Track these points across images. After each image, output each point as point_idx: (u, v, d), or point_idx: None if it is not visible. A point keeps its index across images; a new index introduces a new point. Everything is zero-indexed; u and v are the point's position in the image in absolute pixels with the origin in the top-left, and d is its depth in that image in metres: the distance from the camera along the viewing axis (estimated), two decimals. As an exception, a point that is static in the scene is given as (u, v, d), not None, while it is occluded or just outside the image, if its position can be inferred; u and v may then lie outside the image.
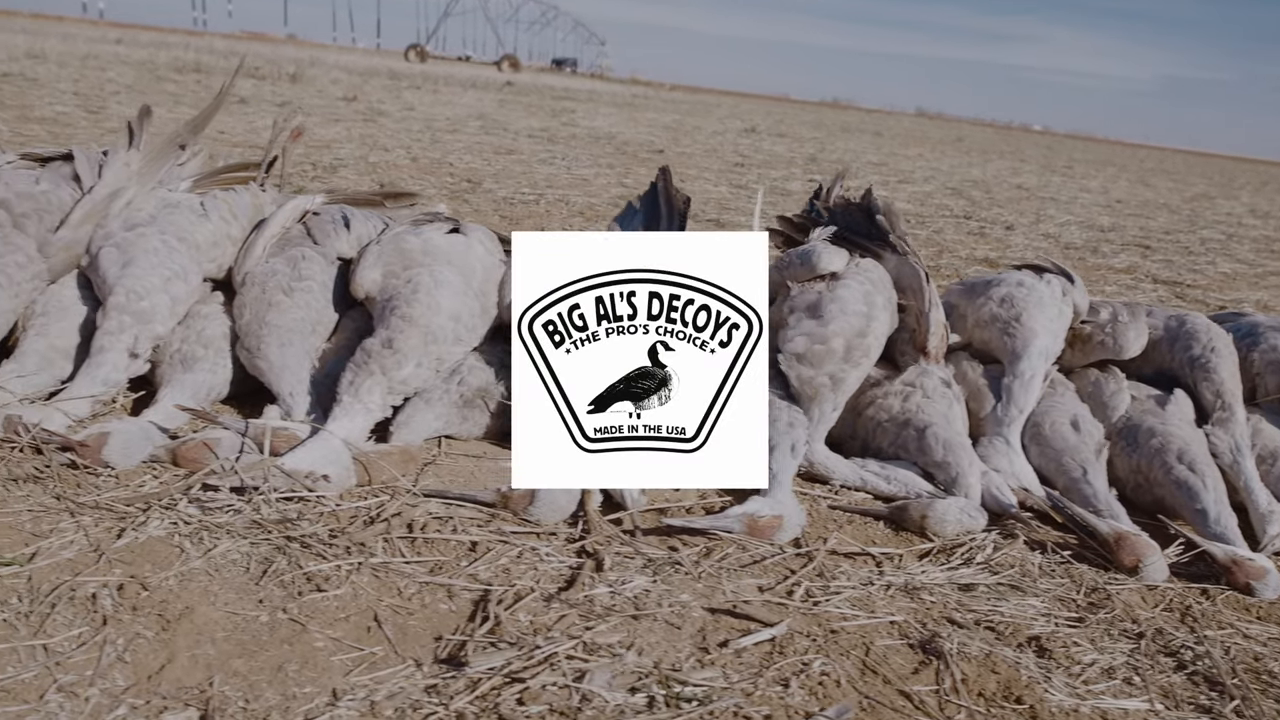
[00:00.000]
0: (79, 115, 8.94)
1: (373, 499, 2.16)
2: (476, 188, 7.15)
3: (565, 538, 2.12)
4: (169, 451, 2.21)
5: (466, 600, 1.84)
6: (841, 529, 2.35)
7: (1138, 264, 7.23)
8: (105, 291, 2.51)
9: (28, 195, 2.65)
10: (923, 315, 2.73)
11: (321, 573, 1.85)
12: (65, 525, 1.94)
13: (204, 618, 1.69)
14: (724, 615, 1.89)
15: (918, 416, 2.58)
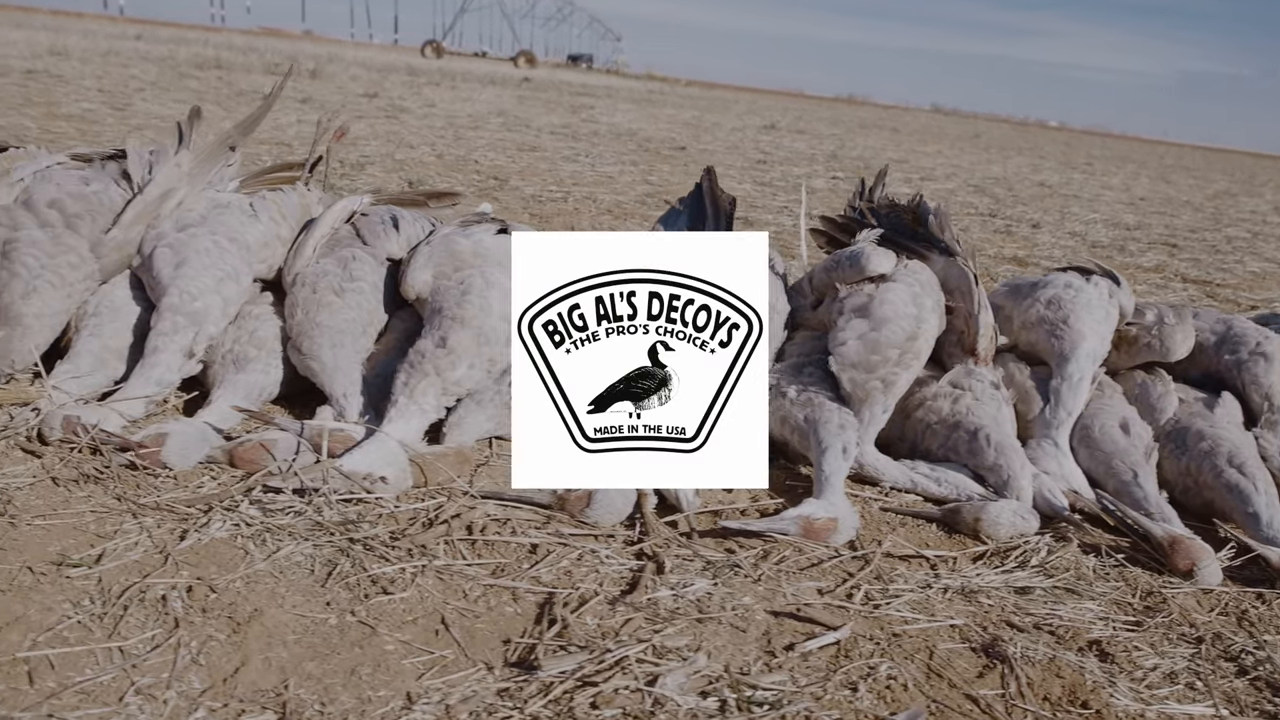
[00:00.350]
0: (105, 112, 8.98)
1: (430, 500, 2.17)
2: (504, 185, 7.16)
3: (623, 540, 2.12)
4: (226, 452, 2.22)
5: (531, 603, 1.84)
6: (895, 531, 2.35)
7: (1166, 263, 7.18)
8: (159, 292, 2.52)
9: (80, 196, 2.66)
10: (971, 317, 2.72)
11: (386, 575, 1.85)
12: (129, 526, 1.95)
13: (273, 620, 1.69)
14: (786, 618, 1.89)
15: (968, 419, 2.57)
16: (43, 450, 2.19)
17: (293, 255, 2.68)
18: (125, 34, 28.28)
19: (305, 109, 11.54)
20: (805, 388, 2.59)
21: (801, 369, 2.67)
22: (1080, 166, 19.25)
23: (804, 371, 2.66)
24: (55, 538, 1.89)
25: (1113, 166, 21.11)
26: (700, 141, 13.46)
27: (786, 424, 2.57)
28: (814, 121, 25.57)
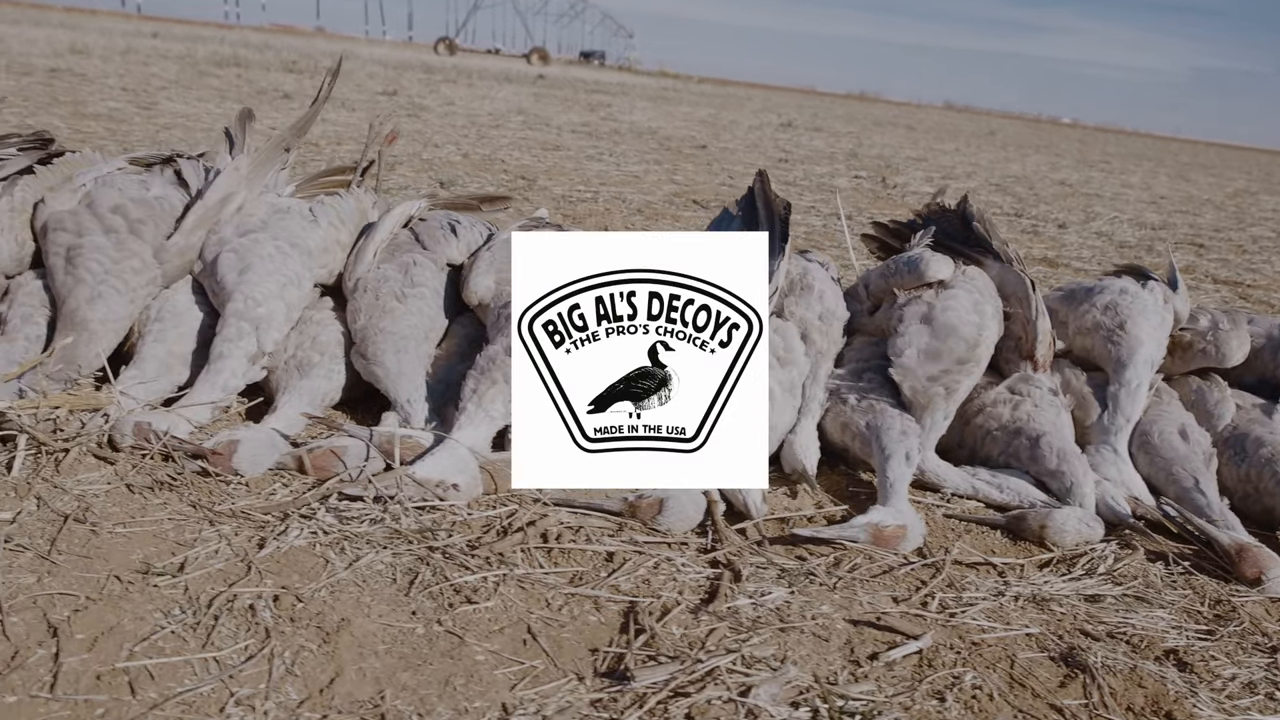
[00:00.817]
0: (132, 111, 9.01)
1: (502, 508, 2.17)
2: (532, 185, 7.16)
3: (696, 548, 2.12)
4: (296, 459, 2.23)
5: (614, 612, 1.85)
6: (961, 538, 2.34)
7: (1195, 263, 7.15)
8: (223, 297, 2.53)
9: (142, 201, 2.68)
10: (1030, 323, 2.72)
11: (469, 584, 1.86)
12: (208, 534, 1.96)
13: (362, 630, 1.70)
14: (866, 627, 1.89)
15: (1029, 425, 2.57)
16: (115, 457, 2.20)
17: (353, 260, 2.69)
18: (141, 31, 28.37)
19: (328, 107, 11.56)
20: (865, 394, 2.59)
21: (861, 375, 2.67)
22: (1098, 164, 19.18)
23: (863, 377, 2.66)
24: (136, 545, 1.90)
25: (1130, 164, 21.02)
26: (720, 140, 13.45)
27: (848, 430, 2.57)
28: (829, 119, 25.52)
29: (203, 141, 7.63)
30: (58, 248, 2.56)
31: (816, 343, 2.65)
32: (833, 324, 2.69)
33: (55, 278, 2.54)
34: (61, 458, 2.17)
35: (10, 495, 2.03)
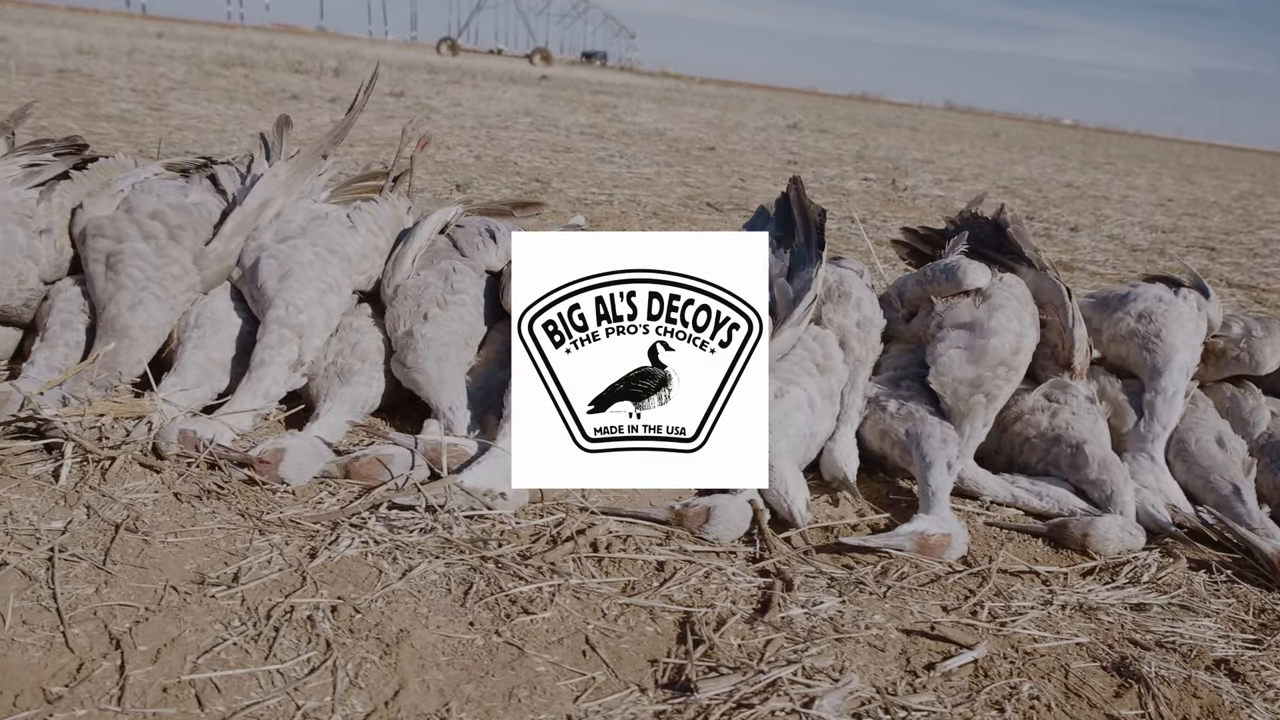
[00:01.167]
0: (143, 113, 9.01)
1: (549, 516, 2.17)
2: (546, 188, 7.16)
3: (745, 556, 2.12)
4: (341, 467, 2.23)
5: (669, 622, 1.85)
6: (1003, 546, 2.34)
7: (1208, 267, 7.15)
8: (263, 304, 2.53)
9: (181, 207, 2.68)
10: (1067, 331, 2.72)
11: (525, 595, 1.86)
12: (259, 544, 1.96)
13: (421, 641, 1.70)
14: (920, 636, 1.89)
15: (1068, 433, 2.57)
16: (160, 465, 2.20)
17: (392, 267, 2.69)
18: (145, 31, 28.37)
19: (336, 109, 11.57)
20: (904, 402, 2.59)
21: (899, 382, 2.67)
22: (1102, 166, 19.18)
23: (901, 385, 2.66)
24: (189, 555, 1.90)
25: (1134, 166, 21.03)
26: (728, 142, 13.45)
27: (887, 438, 2.57)
28: (834, 120, 25.53)
29: (216, 143, 7.63)
30: (97, 253, 2.56)
31: (855, 350, 2.65)
32: (871, 331, 2.69)
33: (95, 284, 2.54)
34: (108, 466, 2.17)
35: (60, 504, 2.03)
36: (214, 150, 7.18)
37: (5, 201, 2.65)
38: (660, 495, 2.39)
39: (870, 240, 4.99)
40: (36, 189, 2.75)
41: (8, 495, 2.03)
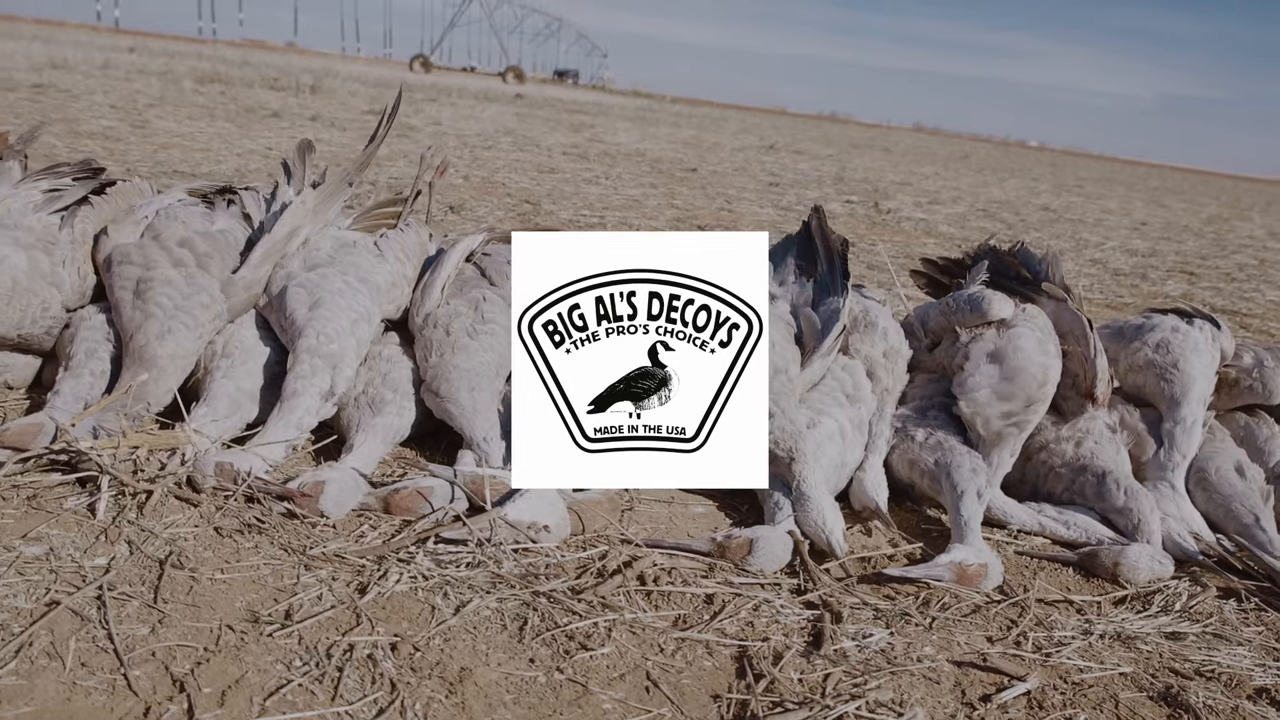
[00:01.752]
0: (125, 130, 8.92)
1: (592, 549, 2.17)
2: (538, 210, 7.17)
3: (789, 588, 2.12)
4: (381, 500, 2.21)
5: (726, 656, 1.85)
6: (1036, 575, 2.37)
7: (1190, 291, 7.28)
8: (293, 333, 2.51)
9: (208, 235, 2.65)
10: (1089, 362, 2.75)
11: (581, 630, 1.85)
12: (306, 579, 1.94)
13: (485, 679, 1.69)
14: (970, 668, 1.91)
15: (1093, 462, 2.60)
16: (197, 498, 2.18)
17: (421, 296, 2.68)
18: (117, 46, 28.09)
19: (318, 126, 11.53)
20: (932, 431, 2.61)
21: (926, 412, 2.70)
22: (1073, 189, 19.47)
23: (928, 414, 2.68)
24: (238, 592, 1.88)
25: (1104, 189, 21.36)
26: (708, 163, 13.52)
27: (915, 468, 2.59)
28: (807, 141, 25.73)
29: (203, 162, 7.58)
30: (125, 281, 2.54)
31: (882, 380, 2.68)
32: (897, 361, 2.71)
33: (122, 312, 2.51)
34: (144, 499, 2.14)
35: (100, 540, 2.00)
36: (203, 169, 7.13)
37: (28, 228, 2.62)
38: (696, 526, 2.40)
39: (893, 268, 5.04)
40: (58, 214, 2.72)
41: (47, 531, 2.00)
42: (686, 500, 2.52)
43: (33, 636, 1.65)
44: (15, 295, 2.50)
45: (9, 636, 1.65)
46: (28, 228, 2.61)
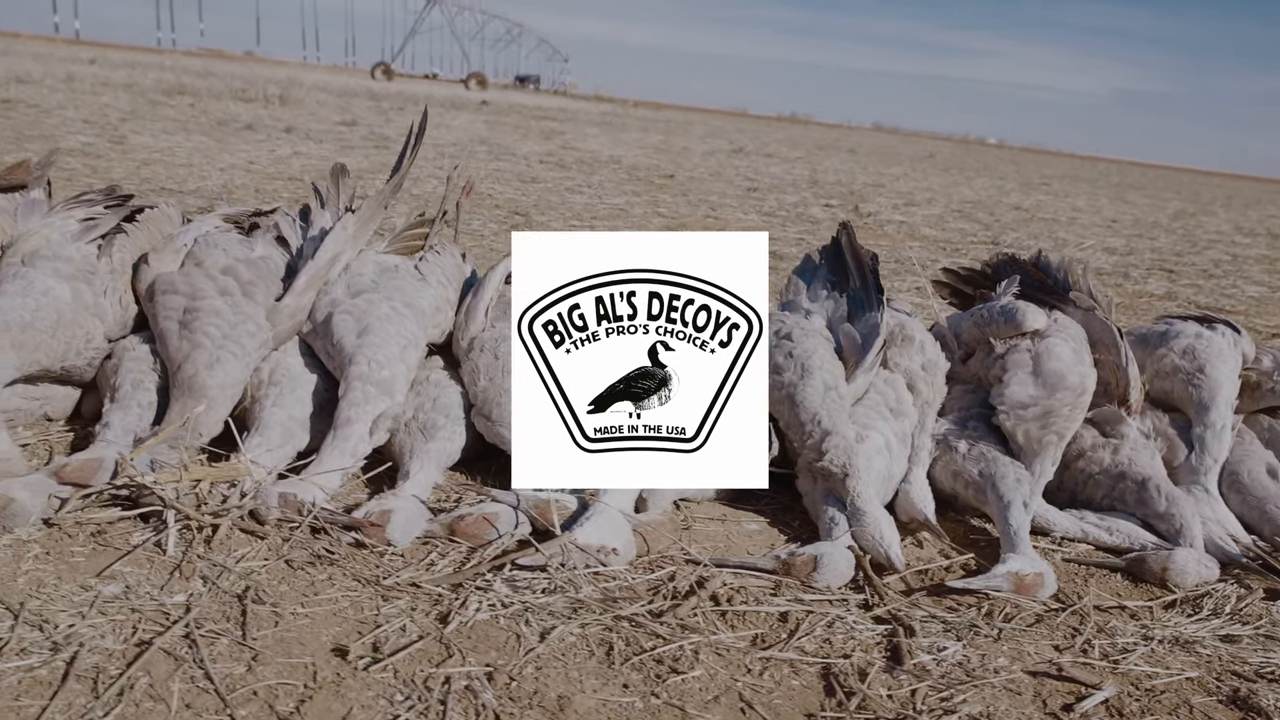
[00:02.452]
0: (104, 146, 8.80)
1: (660, 570, 2.19)
2: (529, 221, 7.17)
3: (856, 603, 2.15)
4: (446, 526, 2.22)
5: (812, 675, 1.87)
6: (1086, 582, 2.41)
7: (1173, 290, 7.41)
8: (341, 360, 2.51)
9: (250, 262, 2.64)
10: (1120, 370, 2.81)
11: (668, 654, 1.87)
12: (387, 611, 1.94)
13: (584, 706, 1.70)
14: (1046, 678, 1.95)
15: (1132, 469, 2.66)
16: (263, 530, 2.17)
17: (465, 320, 2.68)
18: (77, 58, 27.65)
19: (293, 139, 11.43)
20: (975, 442, 2.66)
21: (965, 423, 2.74)
22: (1039, 187, 19.74)
23: (968, 426, 2.73)
24: (321, 626, 1.87)
25: (1069, 186, 21.67)
26: (683, 169, 13.56)
27: (959, 479, 2.63)
28: (773, 144, 25.88)
29: (188, 179, 7.50)
30: (170, 310, 2.52)
31: (923, 393, 2.72)
32: (936, 374, 2.75)
33: (168, 342, 2.49)
34: (211, 533, 2.13)
35: (175, 576, 1.98)
36: (189, 186, 7.06)
37: (68, 258, 2.59)
38: (752, 544, 2.43)
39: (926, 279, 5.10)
40: (94, 244, 2.69)
41: (120, 569, 1.99)
42: (739, 518, 2.54)
43: (132, 679, 1.64)
44: (60, 327, 2.48)
45: (109, 679, 1.64)
46: (67, 258, 2.59)
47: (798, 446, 2.50)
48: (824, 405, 2.46)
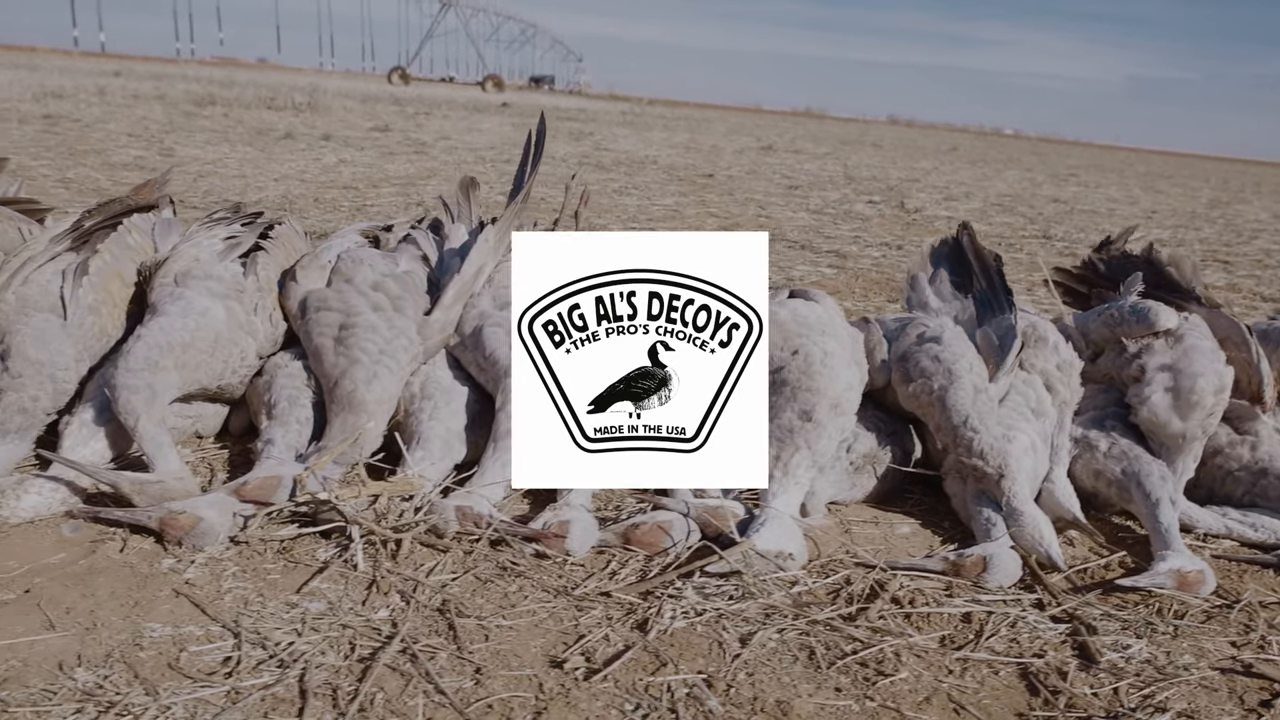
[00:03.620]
0: (155, 159, 8.89)
1: (835, 574, 2.22)
2: (591, 226, 7.20)
3: (1030, 603, 2.18)
4: (620, 535, 2.25)
5: (1011, 675, 1.90)
6: (1242, 579, 2.43)
7: (1236, 282, 7.38)
8: (496, 373, 2.55)
9: (397, 277, 2.69)
10: (1252, 367, 2.83)
11: (871, 657, 1.90)
12: (585, 621, 1.97)
13: (804, 710, 1.74)
14: (1236, 675, 1.97)
15: (1274, 465, 2.68)
16: (444, 544, 2.21)
17: None
18: (102, 70, 27.86)
19: (334, 147, 11.51)
20: (1115, 441, 2.68)
21: (1103, 422, 2.76)
22: (1068, 178, 19.67)
23: (1106, 425, 2.75)
24: (527, 638, 1.91)
25: (1096, 176, 21.58)
26: (719, 167, 13.58)
27: (1101, 477, 2.66)
28: (798, 139, 25.86)
29: (245, 190, 7.56)
30: (324, 327, 2.56)
31: (1060, 393, 2.74)
32: (1071, 374, 2.77)
33: (324, 358, 2.54)
34: (395, 549, 2.17)
35: (373, 592, 2.03)
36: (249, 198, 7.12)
37: (219, 277, 2.64)
38: (910, 546, 2.46)
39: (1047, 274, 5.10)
40: (239, 262, 2.74)
41: (318, 586, 2.03)
42: (891, 520, 2.58)
43: (370, 695, 1.69)
44: (218, 347, 2.53)
45: (346, 695, 1.68)
46: (219, 277, 2.64)
47: (948, 449, 2.53)
48: (975, 408, 2.49)
